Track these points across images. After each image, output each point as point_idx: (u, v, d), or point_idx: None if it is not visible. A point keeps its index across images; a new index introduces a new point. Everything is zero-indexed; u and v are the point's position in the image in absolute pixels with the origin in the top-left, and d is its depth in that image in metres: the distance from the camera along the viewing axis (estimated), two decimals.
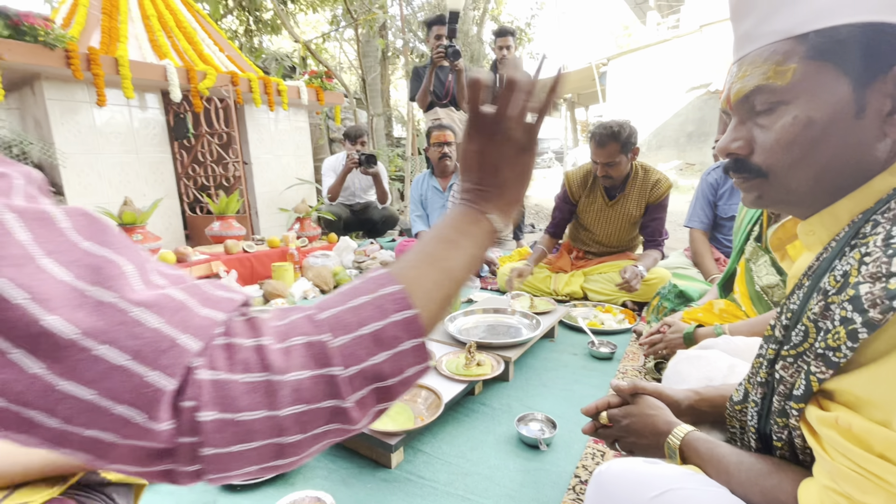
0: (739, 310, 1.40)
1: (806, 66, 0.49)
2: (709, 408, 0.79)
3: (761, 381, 0.58)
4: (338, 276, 2.76)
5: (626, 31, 30.32)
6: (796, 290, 0.55)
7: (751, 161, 0.56)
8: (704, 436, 0.69)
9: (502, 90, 0.48)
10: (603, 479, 0.65)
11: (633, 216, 2.31)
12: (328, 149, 6.02)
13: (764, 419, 0.59)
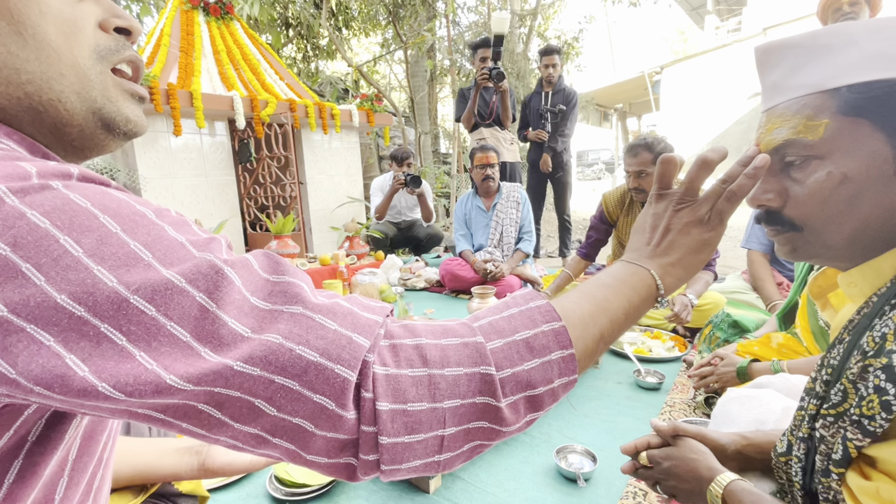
0: (800, 345, 1.31)
1: (839, 122, 0.48)
2: (757, 454, 0.75)
3: (803, 436, 0.56)
4: (384, 294, 2.85)
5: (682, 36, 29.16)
6: (837, 344, 0.53)
7: (783, 214, 0.55)
8: (750, 486, 0.66)
9: (694, 168, 0.51)
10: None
11: None
12: (377, 167, 6.25)
13: (808, 476, 0.56)
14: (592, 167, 19.46)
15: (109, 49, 0.40)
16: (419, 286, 3.22)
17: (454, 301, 2.92)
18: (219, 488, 1.14)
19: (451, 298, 2.99)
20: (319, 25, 6.28)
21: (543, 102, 3.70)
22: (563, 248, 4.11)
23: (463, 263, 2.98)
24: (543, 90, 3.72)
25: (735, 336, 1.55)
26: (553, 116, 3.65)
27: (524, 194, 3.04)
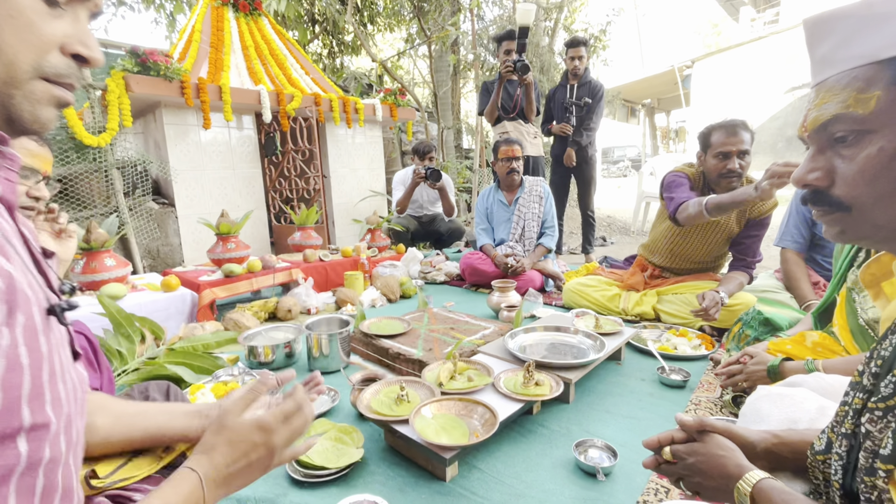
0: (837, 344, 1.25)
1: (892, 94, 0.45)
2: (789, 454, 0.72)
3: (846, 432, 0.53)
4: (404, 286, 2.86)
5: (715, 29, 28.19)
6: (889, 334, 0.50)
7: (831, 193, 0.52)
8: (781, 485, 0.63)
9: None
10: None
11: (732, 230, 2.06)
12: (400, 161, 6.27)
13: (850, 475, 0.53)
14: (618, 164, 19.01)
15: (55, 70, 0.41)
16: (439, 279, 3.22)
17: (474, 295, 2.91)
18: None
19: (472, 292, 2.98)
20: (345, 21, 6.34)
21: (569, 95, 3.63)
22: (585, 244, 4.04)
23: (484, 258, 2.96)
24: (569, 83, 3.65)
25: (766, 334, 1.49)
26: (578, 109, 3.58)
27: (547, 188, 2.99)
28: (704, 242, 2.13)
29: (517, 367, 1.49)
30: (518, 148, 2.88)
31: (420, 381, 1.38)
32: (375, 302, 2.67)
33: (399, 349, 1.74)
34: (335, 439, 1.20)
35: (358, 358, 1.88)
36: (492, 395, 1.34)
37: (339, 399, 1.50)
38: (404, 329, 1.91)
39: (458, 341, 1.68)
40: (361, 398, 1.28)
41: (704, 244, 2.14)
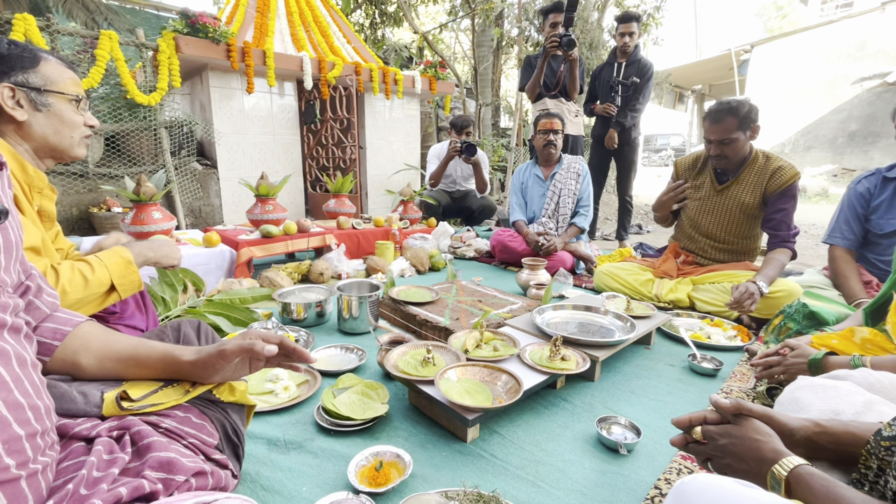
0: (890, 343, 1.18)
1: None
2: (830, 443, 0.69)
3: None
4: (433, 259, 2.88)
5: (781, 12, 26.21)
6: None
7: None
8: (820, 472, 0.61)
9: None
10: (685, 489, 0.61)
11: (745, 205, 2.07)
12: (436, 137, 6.23)
13: None
14: (660, 153, 18.18)
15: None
16: (468, 255, 3.22)
17: (503, 272, 2.90)
18: (273, 412, 1.23)
19: (500, 269, 2.97)
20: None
21: (615, 74, 3.48)
22: (621, 230, 3.93)
23: (515, 235, 2.93)
24: (617, 61, 3.49)
25: (810, 329, 1.42)
26: (624, 89, 3.43)
27: (585, 168, 2.91)
28: (719, 217, 2.17)
29: (544, 342, 1.49)
30: (558, 121, 2.80)
31: (446, 347, 1.40)
32: (405, 272, 2.70)
33: (426, 316, 1.76)
34: (361, 393, 1.24)
35: (385, 323, 1.92)
36: (517, 365, 1.34)
37: (367, 358, 1.54)
38: (432, 298, 1.93)
39: (486, 312, 1.68)
40: (388, 358, 1.31)
41: (720, 220, 2.17)
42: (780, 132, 11.63)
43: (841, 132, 10.63)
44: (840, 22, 10.74)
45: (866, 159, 10.13)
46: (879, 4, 9.93)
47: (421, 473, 1.01)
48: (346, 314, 1.80)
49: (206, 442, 0.76)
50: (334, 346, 1.63)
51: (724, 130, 1.95)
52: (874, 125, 10.12)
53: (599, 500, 0.95)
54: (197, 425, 0.77)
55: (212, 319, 1.69)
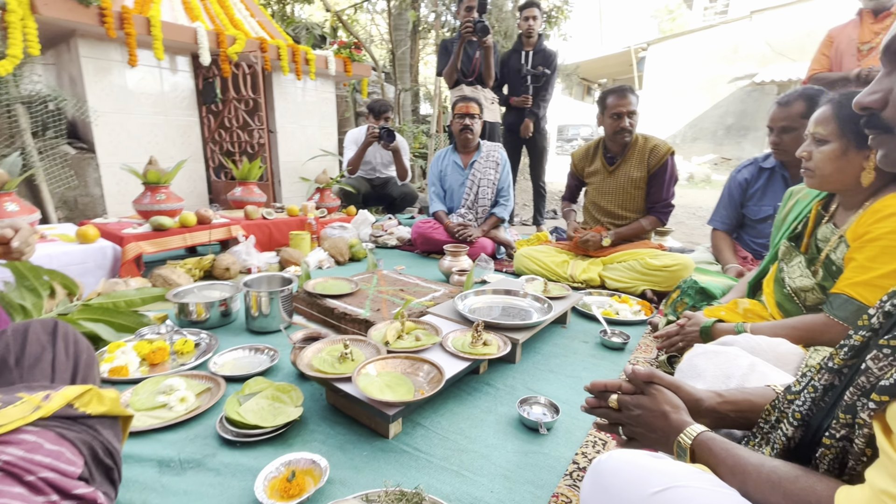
0: (765, 311, 1.33)
1: None
2: (732, 412, 0.74)
3: (834, 367, 0.54)
4: (353, 249, 2.77)
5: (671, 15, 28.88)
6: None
7: (882, 116, 0.54)
8: (719, 436, 0.65)
9: None
10: (601, 468, 0.62)
11: (635, 180, 2.37)
12: (354, 122, 5.99)
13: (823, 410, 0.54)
14: (572, 142, 19.38)
15: None
16: (390, 244, 3.14)
17: (425, 260, 2.87)
18: (166, 428, 1.08)
19: (423, 257, 2.93)
20: None
21: (523, 62, 3.56)
22: (537, 215, 4.09)
23: (436, 226, 2.91)
24: (523, 48, 3.57)
25: (702, 303, 1.56)
26: (535, 80, 3.54)
27: (505, 156, 2.96)
28: (616, 196, 2.45)
29: (466, 328, 1.48)
30: (475, 106, 2.80)
31: (366, 340, 1.33)
32: (323, 263, 2.56)
33: (345, 309, 1.67)
34: (272, 398, 1.13)
35: (301, 318, 1.79)
36: (439, 353, 1.31)
37: (279, 359, 1.42)
38: (351, 290, 1.84)
39: (407, 301, 1.64)
40: (302, 357, 1.22)
41: (616, 197, 2.45)
42: (673, 124, 12.89)
43: (720, 125, 12.06)
44: (718, 27, 12.10)
45: (739, 149, 11.62)
46: (749, 13, 11.32)
47: (340, 478, 0.94)
48: (254, 312, 1.65)
49: (65, 472, 0.62)
50: (242, 347, 1.48)
51: (630, 103, 2.25)
52: (746, 119, 11.61)
53: (522, 481, 0.96)
54: (52, 453, 0.62)
55: (88, 327, 1.45)
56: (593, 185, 2.51)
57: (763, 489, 0.52)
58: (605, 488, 0.59)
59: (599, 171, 2.47)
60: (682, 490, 0.54)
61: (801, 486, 0.50)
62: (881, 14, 2.50)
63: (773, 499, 0.51)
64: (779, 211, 1.48)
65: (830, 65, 2.69)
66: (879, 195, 1.12)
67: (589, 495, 0.62)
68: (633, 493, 0.57)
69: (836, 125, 1.14)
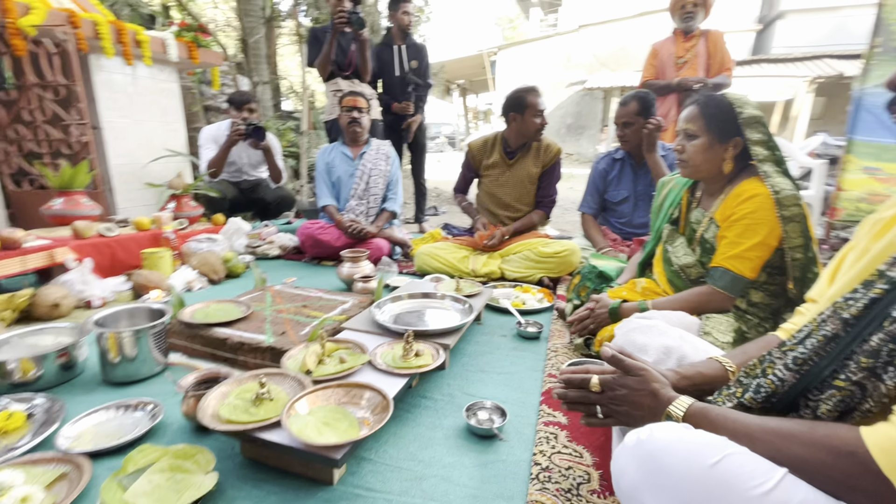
0: (658, 287, 1.50)
1: None
2: (689, 386, 0.79)
3: (847, 318, 0.55)
4: (230, 263, 2.39)
5: (511, 23, 31.79)
6: None
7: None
8: (710, 404, 0.67)
9: None
10: (650, 448, 0.59)
11: (532, 174, 2.53)
12: (203, 117, 5.21)
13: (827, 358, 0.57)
14: (435, 140, 20.11)
15: None
16: (272, 253, 2.81)
17: (317, 268, 2.62)
18: None
19: (313, 266, 2.68)
20: None
21: (397, 57, 3.51)
22: (418, 213, 4.08)
23: (325, 226, 2.68)
24: (395, 43, 3.52)
25: (602, 285, 1.70)
26: (418, 88, 3.54)
27: (393, 151, 2.87)
28: (513, 188, 2.57)
29: (391, 340, 1.36)
30: (362, 100, 2.67)
31: (281, 371, 1.13)
32: (192, 284, 2.15)
33: (241, 337, 1.41)
34: (171, 469, 0.88)
35: (181, 356, 1.46)
36: (371, 374, 1.18)
37: (164, 413, 1.13)
38: (243, 313, 1.57)
39: (321, 319, 1.45)
40: (203, 407, 0.97)
41: (514, 190, 2.58)
42: None
43: (562, 125, 13.70)
44: (553, 38, 13.68)
45: (578, 146, 13.37)
46: (577, 27, 13.03)
47: None
48: (114, 357, 1.28)
49: None
50: (104, 407, 1.14)
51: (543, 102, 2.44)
52: (581, 119, 13.41)
53: (491, 496, 0.91)
54: None
55: None
56: (491, 177, 2.59)
57: (775, 444, 0.54)
58: (662, 468, 0.56)
59: (498, 165, 2.56)
60: (735, 457, 0.54)
61: (820, 434, 0.52)
62: (689, 35, 3.05)
63: (791, 450, 0.53)
64: (654, 199, 1.68)
65: (657, 73, 3.20)
66: (736, 182, 1.34)
67: (642, 479, 0.58)
68: (693, 467, 0.55)
69: (703, 122, 1.33)
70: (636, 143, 2.28)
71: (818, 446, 0.51)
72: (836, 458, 0.49)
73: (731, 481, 0.52)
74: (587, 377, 0.78)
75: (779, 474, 0.51)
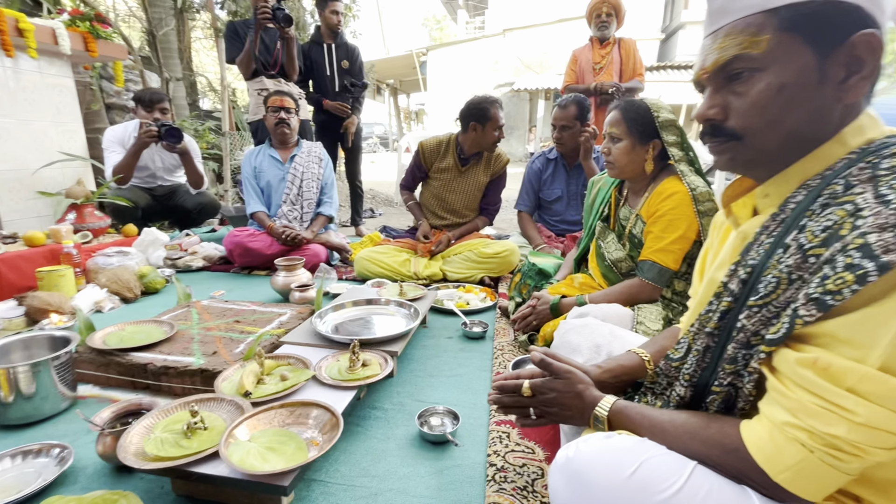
0: (594, 281, 1.58)
1: (778, 37, 0.54)
2: (610, 378, 0.83)
3: (710, 331, 0.61)
4: (147, 279, 2.17)
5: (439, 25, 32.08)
6: (754, 247, 0.59)
7: (726, 126, 0.61)
8: (630, 402, 0.71)
9: None
10: (575, 467, 0.61)
11: (481, 183, 2.57)
12: (105, 116, 4.69)
13: (707, 367, 0.62)
14: (367, 140, 19.80)
15: None
16: (196, 265, 2.59)
17: (248, 279, 2.46)
18: None
19: (244, 276, 2.51)
20: None
21: (327, 56, 3.40)
22: (355, 216, 3.99)
23: (255, 233, 2.52)
24: (325, 42, 3.40)
25: (542, 282, 1.76)
26: (357, 90, 3.45)
27: (326, 153, 2.76)
28: (463, 195, 2.59)
29: (336, 351, 1.31)
30: (290, 100, 2.54)
31: (216, 396, 1.04)
32: (102, 305, 1.92)
33: (165, 361, 1.28)
34: None
35: (93, 388, 1.29)
36: (317, 389, 1.12)
37: (74, 457, 0.99)
38: (166, 334, 1.43)
39: (257, 335, 1.35)
40: (124, 444, 0.87)
41: (463, 196, 2.59)
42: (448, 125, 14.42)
43: None
44: (481, 40, 14.01)
45: (509, 146, 13.81)
46: (502, 31, 13.44)
47: None
48: (7, 397, 1.11)
49: None
50: None
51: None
52: (511, 120, 13.85)
53: (450, 501, 0.90)
54: None
55: None
56: (441, 181, 2.57)
57: (683, 440, 0.59)
58: (586, 484, 0.59)
59: (451, 169, 2.54)
60: (650, 462, 0.58)
61: (713, 431, 0.58)
62: (604, 42, 3.26)
63: (693, 446, 0.58)
64: (586, 198, 1.77)
65: (577, 78, 3.39)
66: (658, 180, 1.45)
67: (570, 495, 0.60)
68: (614, 479, 0.57)
69: (625, 126, 1.42)
70: (572, 146, 2.39)
71: (711, 443, 0.57)
72: (726, 455, 0.55)
73: (647, 488, 0.55)
74: (519, 383, 0.80)
75: (688, 470, 0.56)
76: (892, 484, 0.51)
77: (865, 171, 0.51)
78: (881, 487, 0.52)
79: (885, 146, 0.52)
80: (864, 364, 0.45)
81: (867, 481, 0.52)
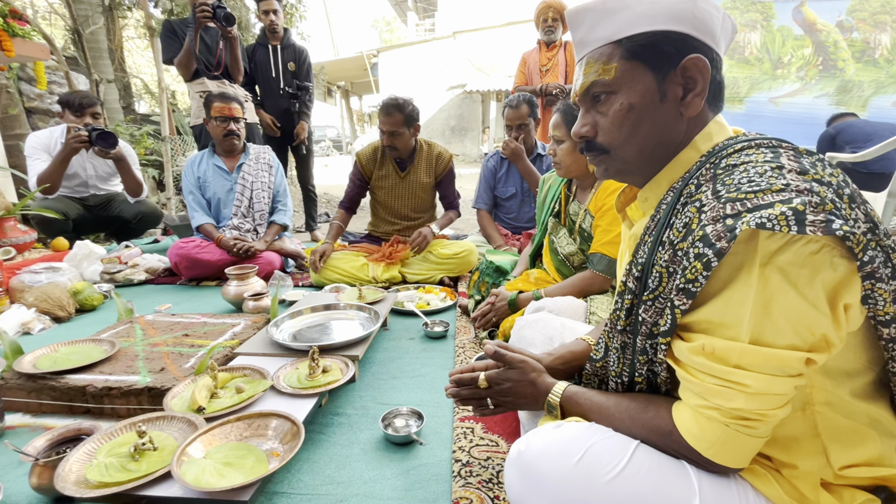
0: (549, 276, 1.63)
1: (624, 64, 0.63)
2: (560, 365, 0.87)
3: (622, 328, 0.65)
4: (81, 295, 2.01)
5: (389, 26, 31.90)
6: (641, 247, 0.64)
7: (596, 141, 0.68)
8: (580, 388, 0.75)
9: None
10: (527, 459, 0.63)
11: (424, 184, 2.53)
12: (26, 121, 4.31)
13: (628, 362, 0.66)
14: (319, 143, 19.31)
15: None
16: (138, 279, 2.43)
17: (197, 290, 2.34)
18: None
19: (192, 288, 2.38)
20: None
21: (272, 58, 3.30)
22: (309, 220, 3.90)
23: (203, 244, 2.40)
24: (270, 43, 3.30)
25: (499, 279, 1.80)
26: (304, 93, 3.36)
27: (276, 158, 2.67)
28: (408, 199, 2.57)
29: (294, 360, 1.28)
30: (237, 107, 2.42)
31: (165, 414, 0.98)
32: (30, 326, 1.76)
33: (107, 381, 1.19)
34: None
35: (23, 417, 1.19)
36: (276, 399, 1.09)
37: (3, 492, 0.90)
38: (106, 353, 1.33)
39: (209, 348, 1.29)
40: (62, 474, 0.81)
41: (409, 201, 2.57)
42: None
43: (446, 127, 14.17)
44: (431, 42, 14.06)
45: (463, 146, 13.96)
46: (451, 33, 13.56)
47: None
48: None
49: None
50: None
51: (393, 123, 2.27)
52: (464, 122, 14.01)
53: (417, 501, 0.90)
54: None
55: None
56: (384, 188, 2.53)
57: (626, 424, 0.63)
58: (538, 475, 0.61)
59: (390, 176, 2.51)
60: (595, 447, 0.61)
61: (651, 415, 0.62)
62: (551, 45, 3.37)
63: (634, 430, 0.62)
64: (538, 195, 1.83)
65: (526, 80, 3.48)
66: None
67: (525, 488, 0.62)
68: (563, 468, 0.60)
69: (566, 128, 1.48)
70: (530, 144, 2.46)
71: (650, 428, 0.61)
72: (663, 437, 0.59)
73: (593, 472, 0.59)
74: (475, 375, 0.83)
75: (630, 450, 0.60)
76: (792, 439, 0.57)
77: (710, 171, 0.58)
78: (784, 444, 0.58)
79: (725, 147, 0.60)
80: (739, 341, 0.50)
81: (772, 441, 0.57)
